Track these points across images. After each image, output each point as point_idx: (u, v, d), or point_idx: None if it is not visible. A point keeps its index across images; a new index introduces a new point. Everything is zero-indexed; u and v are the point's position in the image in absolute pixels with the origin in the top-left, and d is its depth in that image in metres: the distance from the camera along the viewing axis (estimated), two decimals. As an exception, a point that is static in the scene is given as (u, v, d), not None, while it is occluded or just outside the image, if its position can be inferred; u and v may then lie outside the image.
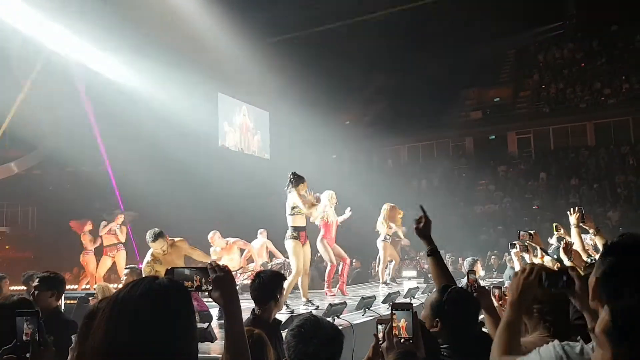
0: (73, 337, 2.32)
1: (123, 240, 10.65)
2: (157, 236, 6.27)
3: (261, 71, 19.81)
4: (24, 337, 1.64)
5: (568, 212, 4.87)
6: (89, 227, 10.68)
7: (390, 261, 10.35)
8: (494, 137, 26.97)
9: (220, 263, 1.66)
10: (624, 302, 1.30)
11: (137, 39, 16.44)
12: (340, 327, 2.59)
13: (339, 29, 24.39)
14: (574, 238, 4.76)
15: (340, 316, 5.28)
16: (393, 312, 1.82)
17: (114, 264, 10.54)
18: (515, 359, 1.80)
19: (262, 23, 19.29)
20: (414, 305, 2.39)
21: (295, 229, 6.94)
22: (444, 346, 2.34)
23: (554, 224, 6.01)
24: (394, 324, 1.82)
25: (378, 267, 10.65)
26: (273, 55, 19.39)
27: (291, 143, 22.03)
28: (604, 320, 1.20)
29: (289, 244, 6.88)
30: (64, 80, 16.42)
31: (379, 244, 10.06)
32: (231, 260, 8.73)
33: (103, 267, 10.52)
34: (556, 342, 1.72)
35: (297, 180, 7.02)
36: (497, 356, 1.81)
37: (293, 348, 2.08)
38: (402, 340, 1.77)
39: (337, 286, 8.52)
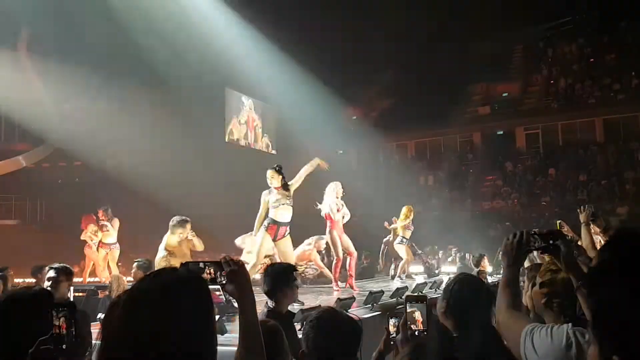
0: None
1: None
2: (184, 222, 6.32)
3: (268, 66, 19.80)
4: (60, 329, 1.66)
5: (578, 210, 4.85)
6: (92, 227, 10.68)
7: (396, 258, 10.37)
8: (501, 132, 26.87)
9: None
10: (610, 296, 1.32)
11: (145, 35, 16.46)
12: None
13: (345, 24, 24.33)
14: (583, 236, 4.74)
15: (349, 310, 5.28)
16: (407, 304, 1.82)
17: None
18: (523, 320, 1.89)
19: (269, 19, 19.26)
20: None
21: (271, 220, 6.83)
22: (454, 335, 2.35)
23: (558, 222, 6.00)
24: (408, 317, 1.82)
25: (392, 265, 10.60)
26: (280, 50, 19.38)
27: (298, 138, 22.01)
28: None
29: (257, 232, 6.81)
30: (75, 72, 16.48)
31: (398, 247, 10.04)
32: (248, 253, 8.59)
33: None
34: (569, 326, 1.74)
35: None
36: (504, 309, 1.94)
37: (311, 340, 2.09)
38: (416, 333, 1.77)
39: (346, 281, 8.49)
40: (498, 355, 2.19)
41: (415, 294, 5.91)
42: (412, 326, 1.80)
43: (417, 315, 1.80)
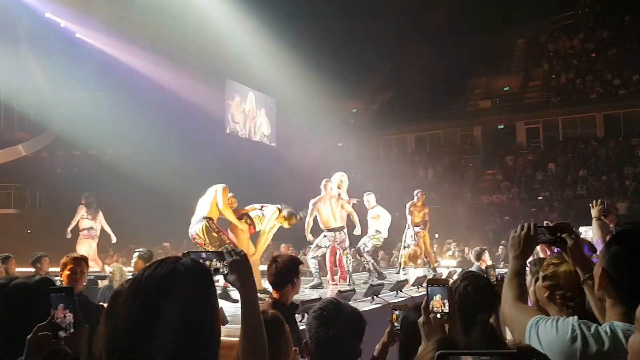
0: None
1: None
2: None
3: (268, 58, 19.73)
4: (58, 315, 1.64)
5: (590, 205, 4.84)
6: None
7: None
8: (502, 126, 26.84)
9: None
10: None
11: (146, 25, 16.40)
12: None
13: (347, 16, 24.25)
14: (595, 231, 4.74)
15: (349, 303, 5.27)
16: (429, 287, 1.82)
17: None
18: (529, 312, 1.89)
19: (270, 11, 19.17)
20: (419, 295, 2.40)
21: None
22: None
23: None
24: (429, 300, 1.82)
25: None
26: (281, 42, 19.30)
27: (297, 130, 21.99)
28: None
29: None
30: (75, 62, 16.44)
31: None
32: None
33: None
34: (575, 318, 1.73)
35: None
36: (511, 301, 1.94)
37: (314, 330, 2.09)
38: (438, 315, 1.76)
39: (339, 276, 8.50)
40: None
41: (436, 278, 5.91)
42: (434, 309, 1.79)
43: (438, 298, 1.80)
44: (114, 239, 10.77)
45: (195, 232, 6.27)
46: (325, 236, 8.07)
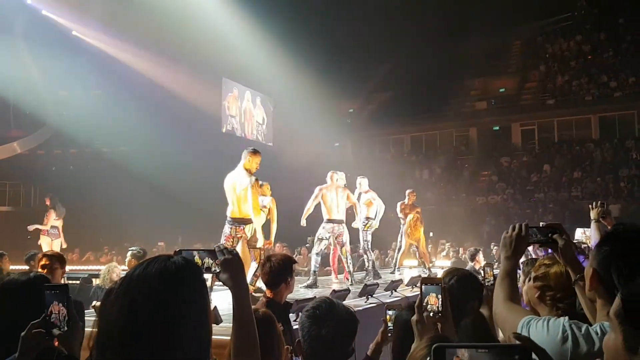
0: None
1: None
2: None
3: (266, 57, 19.71)
4: (52, 312, 1.64)
5: (590, 206, 4.82)
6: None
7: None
8: (498, 128, 26.91)
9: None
10: (634, 286, 1.33)
11: (142, 23, 16.37)
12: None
13: (345, 16, 24.25)
14: (593, 233, 4.73)
15: (343, 302, 5.27)
16: (422, 286, 1.83)
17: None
18: (520, 312, 1.90)
19: (268, 10, 19.15)
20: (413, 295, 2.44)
21: None
22: None
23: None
24: (423, 298, 1.83)
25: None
26: (278, 41, 19.29)
27: (294, 130, 21.96)
28: (615, 304, 1.22)
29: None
30: (71, 60, 16.39)
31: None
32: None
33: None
34: (566, 319, 1.74)
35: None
36: (502, 301, 1.95)
37: (307, 329, 2.10)
38: (431, 314, 1.77)
39: (341, 273, 8.55)
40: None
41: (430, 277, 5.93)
42: (427, 307, 1.81)
43: (432, 296, 1.81)
44: (64, 245, 10.82)
45: (247, 229, 6.10)
46: (323, 227, 8.08)
